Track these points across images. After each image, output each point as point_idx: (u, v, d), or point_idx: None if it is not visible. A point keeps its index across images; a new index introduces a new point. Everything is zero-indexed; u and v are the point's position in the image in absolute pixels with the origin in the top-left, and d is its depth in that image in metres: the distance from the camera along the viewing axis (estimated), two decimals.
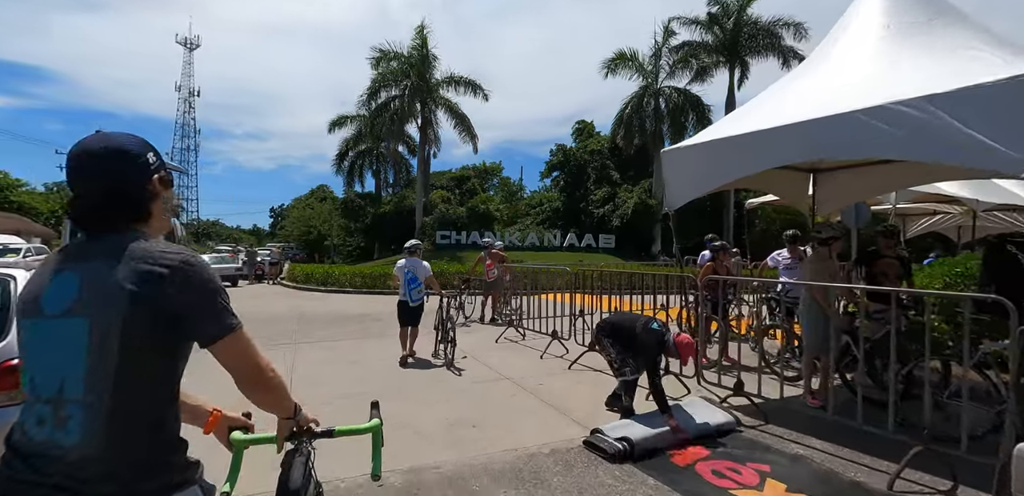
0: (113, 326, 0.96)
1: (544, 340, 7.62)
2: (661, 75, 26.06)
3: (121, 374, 0.97)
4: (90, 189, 1.06)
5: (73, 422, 0.95)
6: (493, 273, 10.49)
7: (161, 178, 1.13)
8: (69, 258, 1.04)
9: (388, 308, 12.56)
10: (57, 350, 0.98)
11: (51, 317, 0.99)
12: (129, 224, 1.07)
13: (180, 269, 1.01)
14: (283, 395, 1.22)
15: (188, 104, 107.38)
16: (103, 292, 0.97)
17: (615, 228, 25.85)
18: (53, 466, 0.94)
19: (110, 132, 1.10)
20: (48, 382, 0.98)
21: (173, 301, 1.00)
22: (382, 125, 27.85)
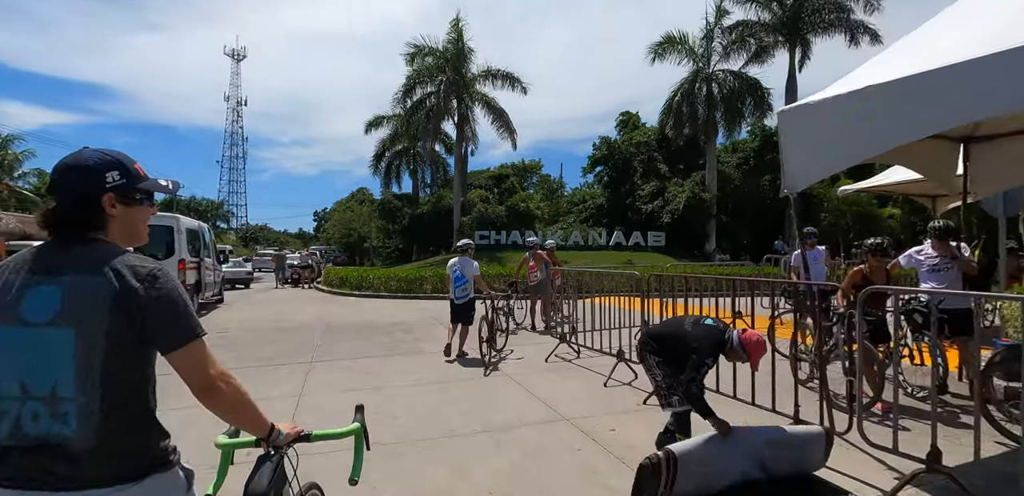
0: (97, 335, 1.08)
1: (603, 360, 6.26)
2: (713, 58, 24.09)
3: (106, 375, 1.09)
4: (58, 200, 1.17)
5: (70, 416, 1.07)
6: (536, 276, 9.17)
7: (119, 196, 1.19)
8: (43, 268, 1.12)
9: (420, 316, 11.54)
10: (46, 355, 1.08)
11: (35, 326, 1.08)
12: (86, 232, 1.17)
13: (151, 282, 1.12)
14: (248, 412, 1.26)
15: (236, 113, 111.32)
16: (85, 305, 1.08)
17: (665, 225, 24.00)
18: (51, 455, 1.07)
19: (89, 149, 1.21)
20: (40, 382, 1.08)
21: (141, 311, 1.10)
22: (418, 123, 27.02)
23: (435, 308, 12.62)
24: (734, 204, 24.18)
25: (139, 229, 1.28)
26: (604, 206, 28.19)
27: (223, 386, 1.17)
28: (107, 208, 1.18)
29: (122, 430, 1.11)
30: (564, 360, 6.62)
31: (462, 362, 6.61)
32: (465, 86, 26.82)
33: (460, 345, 6.83)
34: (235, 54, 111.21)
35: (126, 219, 1.23)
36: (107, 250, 1.15)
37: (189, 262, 11.38)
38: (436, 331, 9.11)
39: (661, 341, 3.35)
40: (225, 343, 8.05)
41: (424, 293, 15.84)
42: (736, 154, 26.46)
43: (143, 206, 1.27)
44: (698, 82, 23.30)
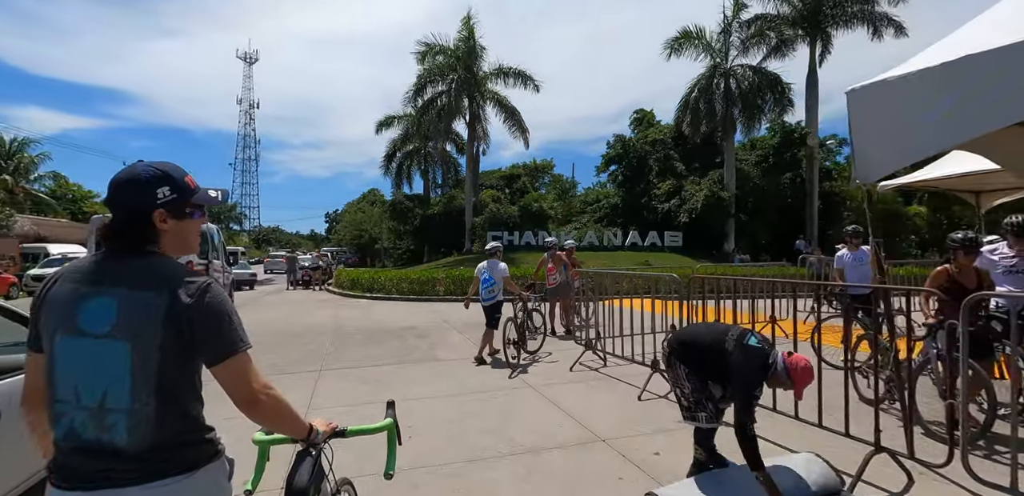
0: (152, 348, 1.12)
1: (632, 369, 5.81)
2: (731, 54, 23.44)
3: (160, 386, 1.14)
4: (114, 213, 1.22)
5: (119, 426, 1.11)
6: (555, 278, 8.71)
7: (169, 211, 1.22)
8: (98, 279, 1.16)
9: (433, 319, 11.02)
10: (101, 366, 1.12)
11: (92, 337, 1.12)
12: (141, 246, 1.21)
13: (201, 297, 1.16)
14: (288, 419, 1.30)
15: (248, 116, 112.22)
16: (140, 318, 1.12)
17: (682, 225, 23.35)
18: (109, 456, 1.11)
19: (144, 163, 1.24)
20: (91, 392, 1.12)
21: (191, 325, 1.15)
22: (429, 123, 26.68)
23: (448, 311, 12.21)
24: (753, 203, 23.49)
25: (190, 240, 1.31)
26: (619, 206, 27.60)
27: (264, 399, 1.21)
28: (158, 223, 1.21)
29: (174, 434, 1.16)
30: (590, 369, 6.15)
31: (482, 370, 6.18)
32: (476, 84, 26.42)
33: (481, 348, 6.77)
34: (247, 57, 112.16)
35: (177, 232, 1.26)
36: (161, 263, 1.20)
37: (197, 264, 11.06)
38: (450, 336, 8.70)
39: (694, 350, 2.95)
40: None
41: (436, 295, 15.44)
42: (755, 151, 25.76)
43: (194, 218, 1.29)
44: (716, 78, 22.67)
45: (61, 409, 1.14)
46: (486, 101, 27.40)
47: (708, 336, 2.94)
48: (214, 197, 1.37)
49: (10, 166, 35.09)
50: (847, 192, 24.90)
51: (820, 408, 3.63)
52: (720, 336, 2.87)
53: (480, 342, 6.81)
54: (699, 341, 2.96)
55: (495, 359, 6.76)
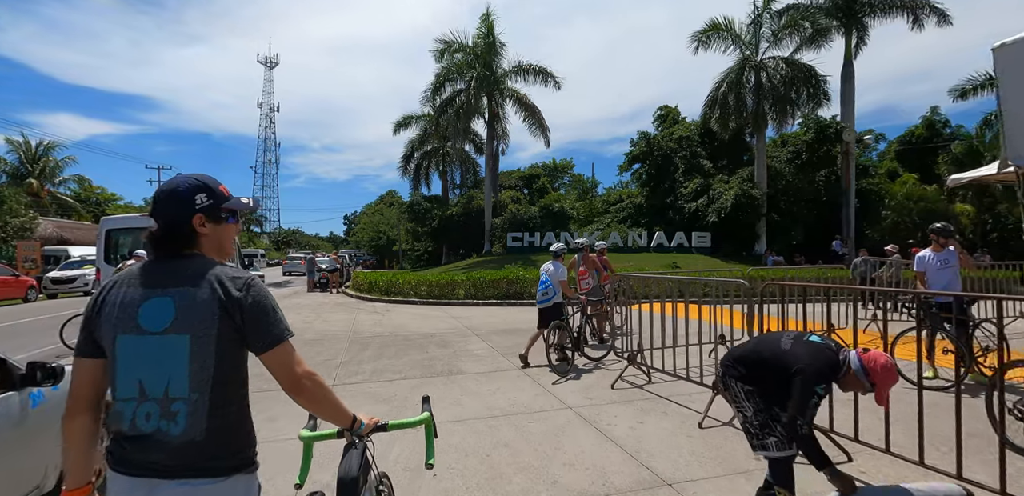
0: (208, 340, 1.24)
1: (681, 386, 5.12)
2: (762, 46, 22.43)
3: (216, 376, 1.25)
4: (159, 221, 1.33)
5: (180, 414, 1.22)
6: (587, 283, 7.99)
7: (207, 216, 1.34)
8: (153, 282, 1.27)
9: (454, 326, 10.20)
10: (163, 360, 1.23)
11: (153, 334, 1.23)
12: (184, 249, 1.33)
13: (247, 291, 1.28)
14: (331, 406, 1.39)
15: (269, 120, 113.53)
16: (195, 313, 1.24)
17: (711, 225, 22.36)
18: (162, 448, 1.21)
19: (181, 175, 1.38)
20: (156, 385, 1.23)
21: (241, 316, 1.26)
22: (447, 122, 26.14)
23: (469, 316, 11.57)
24: (786, 202, 22.40)
25: (226, 244, 1.42)
26: (643, 205, 26.69)
27: (308, 384, 1.31)
28: (197, 227, 1.33)
29: (223, 427, 1.26)
30: (633, 386, 5.44)
31: (513, 386, 5.51)
32: (496, 82, 25.83)
33: (527, 347, 6.62)
34: (267, 61, 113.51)
35: (214, 236, 1.37)
36: (206, 263, 1.31)
37: None
38: (473, 344, 8.04)
39: (751, 366, 2.63)
40: None
41: (456, 299, 14.83)
42: (786, 148, 24.63)
43: (229, 223, 1.41)
44: (746, 71, 21.66)
45: (124, 406, 1.24)
46: (505, 99, 26.82)
47: (763, 347, 2.63)
48: (246, 203, 1.45)
49: (36, 170, 35.59)
50: (884, 190, 23.68)
51: (921, 440, 2.89)
52: (773, 340, 2.61)
53: (528, 343, 6.62)
54: (754, 354, 2.64)
55: (528, 371, 6.10)
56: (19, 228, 25.98)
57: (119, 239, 10.11)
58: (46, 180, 36.13)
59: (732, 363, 2.75)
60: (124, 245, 10.12)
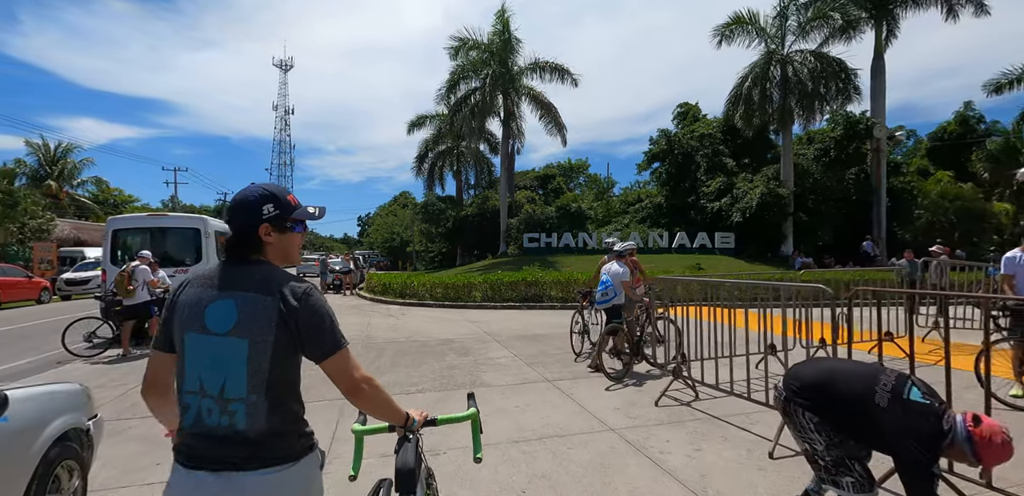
0: (266, 345, 1.30)
1: (734, 404, 4.52)
2: (788, 39, 21.62)
3: (272, 378, 1.31)
4: (232, 229, 1.42)
5: (239, 414, 1.29)
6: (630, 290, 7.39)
7: (273, 225, 1.41)
8: (220, 284, 1.36)
9: (473, 331, 9.60)
10: (222, 360, 1.30)
11: (216, 335, 1.31)
12: (250, 256, 1.41)
13: (304, 300, 1.33)
14: (386, 406, 1.46)
15: (284, 122, 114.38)
16: (256, 319, 1.30)
17: (735, 225, 21.55)
18: (229, 443, 1.29)
19: (253, 186, 1.43)
20: (214, 383, 1.30)
21: (297, 324, 1.32)
22: (462, 121, 25.66)
23: (487, 320, 11.04)
24: (813, 201, 21.52)
25: (291, 252, 1.48)
26: (662, 205, 25.93)
27: (366, 388, 1.38)
28: (263, 236, 1.41)
29: (282, 423, 1.33)
30: (679, 402, 4.84)
31: (546, 401, 4.95)
32: (512, 80, 25.31)
33: (596, 354, 6.28)
34: (282, 64, 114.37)
35: (280, 244, 1.44)
36: (271, 271, 1.38)
37: None
38: (495, 352, 7.49)
39: (825, 398, 2.20)
40: None
41: (473, 302, 14.31)
42: (813, 145, 23.71)
43: (295, 232, 1.47)
44: (772, 65, 20.86)
45: (189, 399, 1.32)
46: (521, 97, 26.29)
47: (848, 381, 2.18)
48: (312, 213, 1.49)
49: (54, 172, 35.88)
50: (917, 188, 22.69)
51: None
52: (867, 384, 2.11)
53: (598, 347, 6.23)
54: (835, 387, 2.19)
55: (559, 383, 5.54)
56: (37, 229, 26.07)
57: (126, 239, 9.75)
58: (64, 182, 36.42)
59: (798, 390, 2.27)
60: (132, 245, 9.77)
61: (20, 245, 24.83)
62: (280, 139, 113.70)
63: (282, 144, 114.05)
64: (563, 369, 6.39)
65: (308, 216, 1.47)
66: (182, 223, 10.01)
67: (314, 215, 1.48)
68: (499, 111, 26.52)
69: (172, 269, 9.61)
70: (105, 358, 7.64)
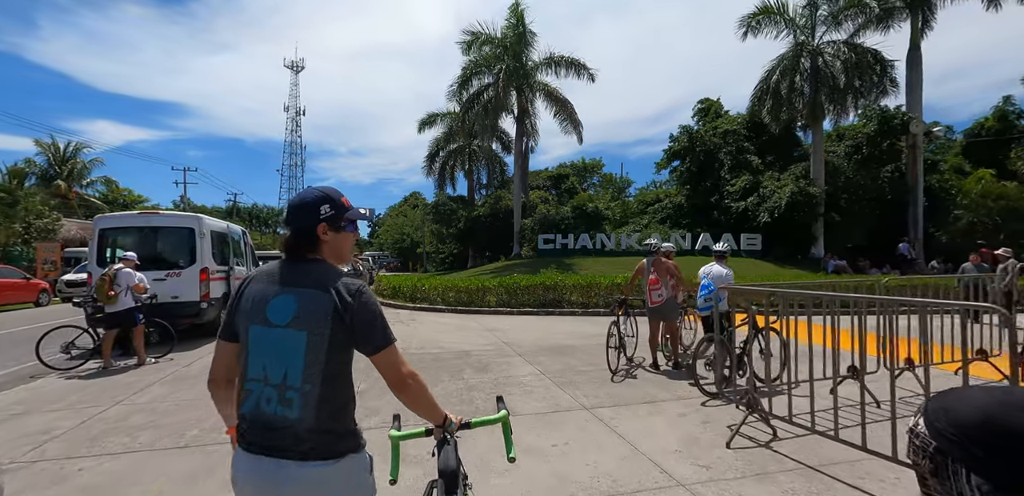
0: (322, 337, 1.38)
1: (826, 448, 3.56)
2: (819, 30, 20.52)
3: (326, 370, 1.39)
4: (290, 229, 1.51)
5: (295, 403, 1.37)
6: (660, 294, 6.47)
7: (329, 225, 1.50)
8: (282, 280, 1.45)
9: (491, 342, 8.57)
10: (283, 351, 1.39)
11: (277, 326, 1.40)
12: (308, 254, 1.50)
13: (357, 297, 1.42)
14: (428, 404, 1.52)
15: (295, 123, 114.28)
16: (314, 313, 1.39)
17: (763, 225, 20.46)
18: (280, 431, 1.36)
19: (311, 188, 1.54)
20: (276, 372, 1.39)
21: (351, 319, 1.40)
22: (475, 118, 24.83)
23: (505, 328, 10.15)
24: (846, 200, 20.36)
25: (344, 251, 1.57)
26: (683, 205, 24.88)
27: (412, 383, 1.46)
28: (320, 235, 1.49)
29: (332, 416, 1.39)
30: (756, 443, 3.90)
31: (587, 438, 4.03)
32: (526, 75, 24.43)
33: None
34: (294, 66, 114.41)
35: (334, 243, 1.52)
36: (327, 269, 1.47)
37: (215, 271, 9.45)
38: (518, 369, 6.59)
39: (1008, 451, 0.93)
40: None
41: (488, 307, 13.42)
42: (843, 142, 22.55)
43: (347, 231, 1.56)
44: (802, 56, 19.79)
45: (251, 386, 1.41)
46: (536, 93, 25.41)
47: None
48: (364, 214, 1.59)
49: (64, 171, 35.61)
50: (955, 186, 21.43)
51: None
52: None
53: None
54: (1008, 426, 1.02)
55: (598, 411, 4.61)
56: (42, 229, 25.66)
57: (115, 239, 9.00)
58: (74, 182, 36.15)
59: (957, 438, 1.30)
60: (123, 246, 9.02)
61: (25, 245, 24.41)
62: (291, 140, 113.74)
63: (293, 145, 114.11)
64: (599, 391, 5.48)
65: (360, 216, 1.56)
66: (175, 222, 9.23)
67: (365, 215, 1.59)
68: (513, 108, 25.67)
69: (164, 272, 8.85)
70: (83, 371, 6.86)
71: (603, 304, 12.85)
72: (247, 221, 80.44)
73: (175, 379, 6.32)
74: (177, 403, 5.23)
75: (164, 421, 4.64)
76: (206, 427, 4.42)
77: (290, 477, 1.33)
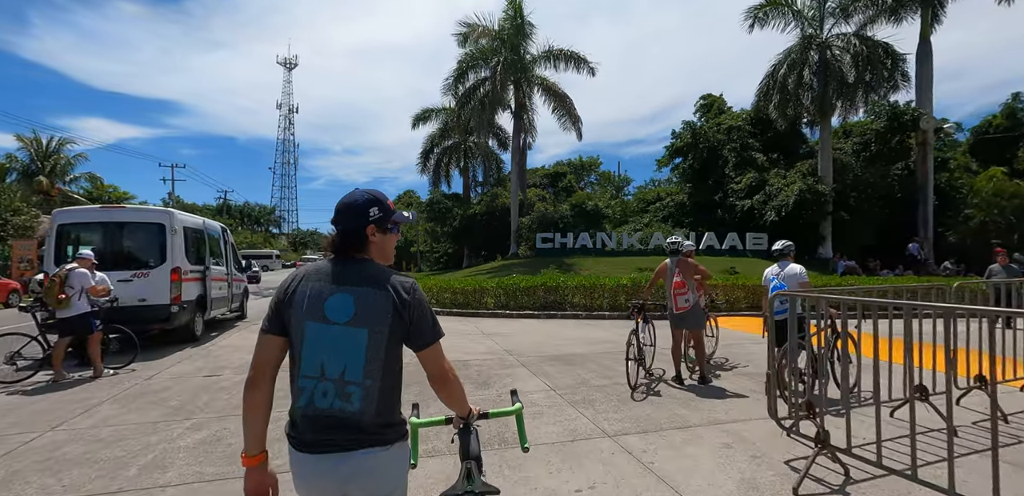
0: (382, 334, 1.43)
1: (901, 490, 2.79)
2: (827, 23, 19.86)
3: (385, 365, 1.45)
4: (338, 229, 1.54)
5: (355, 396, 1.41)
6: (688, 299, 5.71)
7: (377, 226, 1.54)
8: (337, 279, 1.48)
9: (490, 349, 7.71)
10: (343, 347, 1.42)
11: (337, 324, 1.43)
12: (357, 254, 1.53)
13: (412, 294, 1.48)
14: (461, 397, 1.61)
15: (288, 120, 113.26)
16: (373, 310, 1.43)
17: (769, 224, 19.77)
18: (336, 425, 1.40)
19: (359, 190, 1.59)
20: (334, 368, 1.42)
21: (409, 316, 1.46)
22: (471, 113, 24.05)
23: (505, 333, 9.38)
24: (855, 199, 19.69)
25: (388, 251, 1.61)
26: (685, 203, 24.18)
27: (452, 377, 1.55)
28: (370, 236, 1.54)
29: (388, 407, 1.46)
30: (830, 489, 3.15)
31: (614, 478, 3.26)
32: (524, 69, 23.66)
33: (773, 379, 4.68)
34: (287, 62, 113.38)
35: (381, 244, 1.57)
36: (379, 268, 1.52)
37: (188, 272, 8.62)
38: (523, 382, 5.81)
39: None
40: (200, 406, 5.06)
41: (485, 309, 12.65)
42: (850, 139, 21.93)
43: (392, 233, 1.60)
44: (811, 50, 19.12)
45: (306, 383, 1.43)
46: (534, 87, 24.65)
47: None
48: (407, 217, 1.66)
49: (47, 167, 34.47)
50: (966, 185, 20.85)
51: None
52: None
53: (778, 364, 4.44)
54: None
55: (622, 439, 3.84)
56: (20, 227, 24.63)
57: (77, 236, 8.16)
58: (57, 178, 35.01)
59: None
60: (86, 243, 8.19)
61: (1, 243, 23.39)
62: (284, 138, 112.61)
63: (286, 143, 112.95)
64: (621, 412, 4.72)
65: (404, 219, 1.62)
66: (142, 217, 8.38)
67: (409, 219, 1.70)
68: (510, 103, 24.91)
69: (130, 272, 8.02)
70: (30, 385, 6.04)
71: (607, 307, 12.12)
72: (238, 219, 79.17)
73: (131, 396, 5.50)
74: (125, 428, 4.43)
75: (103, 454, 3.84)
76: (148, 463, 3.62)
77: (351, 466, 1.40)
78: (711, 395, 5.27)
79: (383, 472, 1.43)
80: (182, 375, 6.41)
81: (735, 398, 5.17)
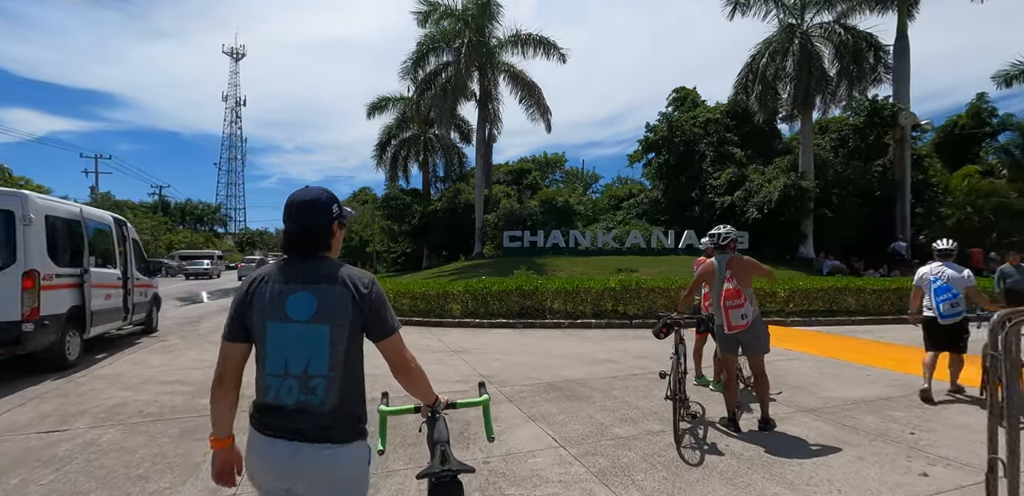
0: (343, 329, 1.46)
1: None
2: (809, 12, 19.05)
3: (347, 358, 1.47)
4: (296, 226, 1.52)
5: (319, 389, 1.44)
6: (746, 314, 4.08)
7: (339, 223, 1.59)
8: (295, 278, 1.49)
9: (462, 373, 5.64)
10: (306, 344, 1.45)
11: (299, 322, 1.45)
12: (319, 252, 1.55)
13: (371, 288, 1.50)
14: (425, 385, 1.63)
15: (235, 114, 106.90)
16: (334, 307, 1.45)
17: (752, 222, 18.76)
18: (303, 417, 1.43)
19: (316, 188, 1.58)
20: (298, 365, 1.44)
21: (368, 310, 1.48)
22: (431, 101, 22.08)
23: (478, 348, 7.60)
24: (837, 196, 18.94)
25: (338, 247, 1.64)
26: (660, 200, 23.02)
27: (414, 367, 1.57)
28: (335, 232, 1.58)
29: (352, 398, 1.49)
30: None
31: None
32: (489, 54, 21.90)
33: (955, 375, 4.89)
34: (234, 53, 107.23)
35: (337, 240, 1.61)
36: (336, 265, 1.52)
37: (54, 277, 6.40)
38: (515, 434, 4.02)
39: None
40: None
41: (451, 317, 10.81)
42: (827, 134, 21.32)
43: (343, 229, 1.64)
44: (793, 39, 18.22)
45: (271, 381, 1.46)
46: (500, 75, 22.93)
47: None
48: (352, 212, 1.69)
49: None
50: (943, 183, 20.52)
51: None
52: None
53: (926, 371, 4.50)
54: None
55: None
56: None
57: None
58: None
59: None
60: None
61: None
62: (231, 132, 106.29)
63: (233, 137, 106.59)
64: (675, 487, 3.03)
65: (351, 215, 1.68)
66: None
67: (353, 213, 1.75)
68: (475, 91, 23.10)
69: None
70: None
71: (591, 314, 10.52)
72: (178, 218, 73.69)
73: None
74: None
75: None
76: None
77: (303, 458, 1.40)
78: (793, 451, 3.65)
79: (338, 468, 1.44)
80: (2, 431, 4.28)
81: (829, 454, 3.58)
